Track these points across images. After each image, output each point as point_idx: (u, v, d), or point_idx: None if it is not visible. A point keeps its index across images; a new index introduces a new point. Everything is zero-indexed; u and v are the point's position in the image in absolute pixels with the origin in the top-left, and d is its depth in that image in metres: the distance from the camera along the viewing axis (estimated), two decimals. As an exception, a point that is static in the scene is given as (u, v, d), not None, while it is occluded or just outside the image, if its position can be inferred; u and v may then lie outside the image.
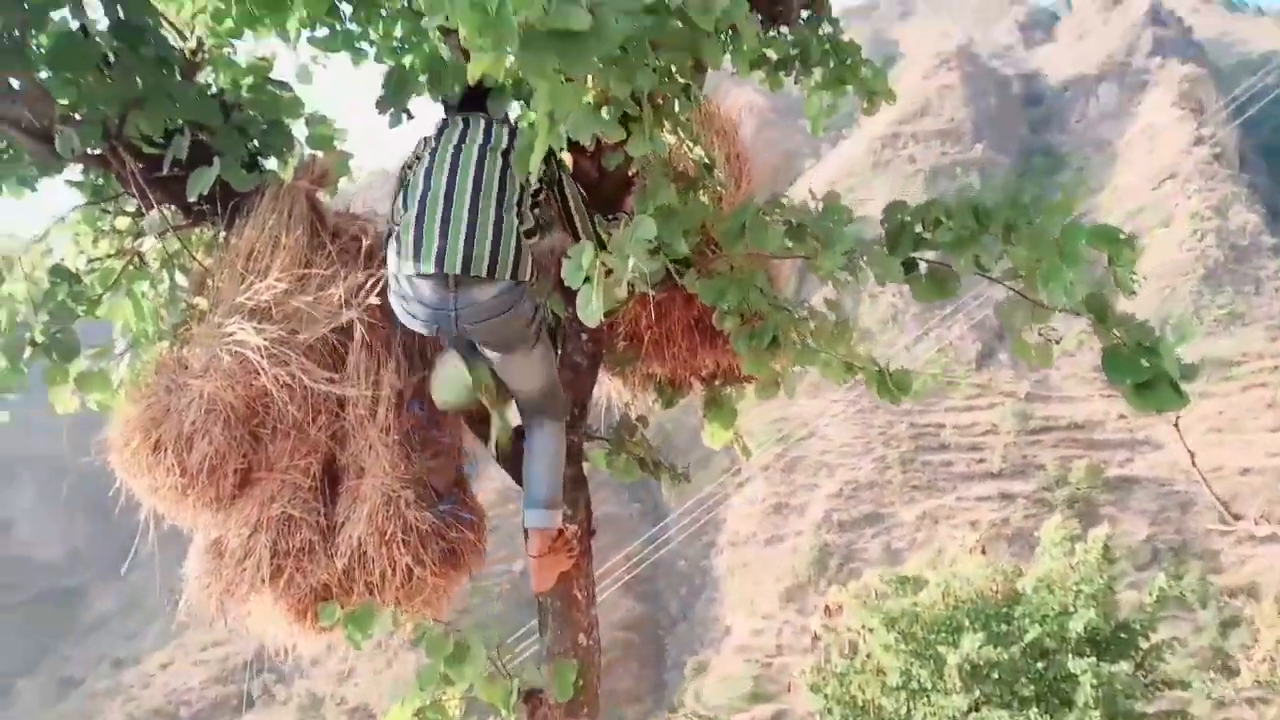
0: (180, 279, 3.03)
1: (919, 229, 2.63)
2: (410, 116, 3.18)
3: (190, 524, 3.07)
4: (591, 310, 2.41)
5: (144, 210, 3.15)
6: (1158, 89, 56.81)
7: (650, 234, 2.39)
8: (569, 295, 3.16)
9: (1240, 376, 38.88)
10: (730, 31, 2.90)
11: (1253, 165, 51.19)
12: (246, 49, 4.24)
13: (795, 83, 4.61)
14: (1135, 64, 59.75)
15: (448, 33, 3.77)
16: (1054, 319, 2.76)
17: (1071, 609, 10.08)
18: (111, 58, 2.95)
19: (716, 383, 3.93)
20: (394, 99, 3.07)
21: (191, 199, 2.85)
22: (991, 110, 60.49)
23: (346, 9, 4.40)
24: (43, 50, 2.89)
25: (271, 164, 3.33)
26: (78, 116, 2.89)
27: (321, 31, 4.44)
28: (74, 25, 2.97)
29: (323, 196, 3.25)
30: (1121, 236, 2.33)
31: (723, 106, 4.00)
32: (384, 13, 4.44)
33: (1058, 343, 2.81)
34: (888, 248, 2.60)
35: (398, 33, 4.58)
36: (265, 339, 2.81)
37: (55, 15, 2.88)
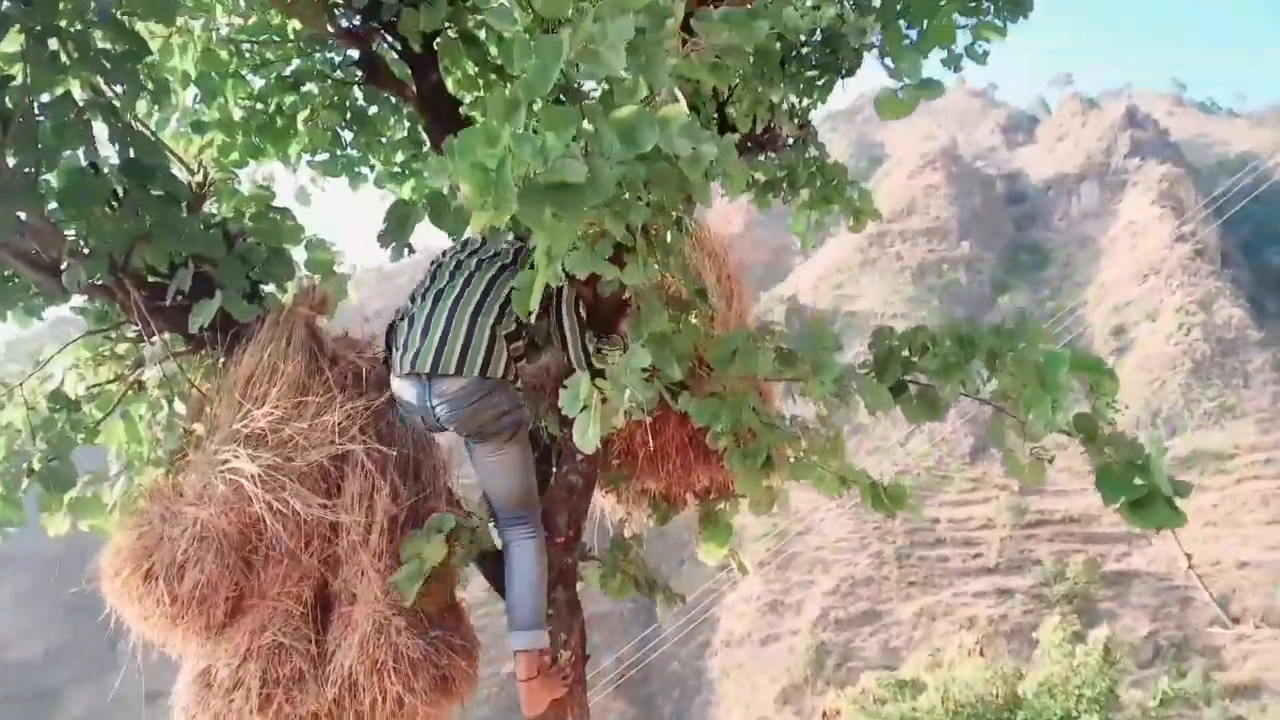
0: (179, 405, 3.07)
1: (906, 354, 2.70)
2: (412, 250, 3.27)
3: (179, 650, 3.04)
4: (588, 438, 2.45)
5: (145, 337, 3.20)
6: (1137, 188, 58.30)
7: (645, 363, 2.46)
8: (565, 417, 3.21)
9: (1233, 470, 38.88)
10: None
11: (1235, 261, 52.19)
12: (247, 173, 4.40)
13: (784, 202, 4.76)
14: (1114, 164, 61.43)
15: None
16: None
17: (1074, 714, 9.89)
18: (119, 193, 3.05)
19: (711, 498, 3.95)
20: (396, 233, 3.17)
21: (194, 330, 2.92)
22: (976, 209, 61.85)
23: (347, 136, 4.56)
24: (53, 187, 2.99)
25: (271, 290, 3.40)
26: (84, 250, 2.97)
27: (322, 156, 4.60)
28: (84, 163, 3.07)
29: (321, 322, 3.32)
30: (1103, 367, 2.40)
31: (712, 226, 4.12)
32: (384, 140, 4.61)
33: (1050, 461, 2.85)
34: (876, 374, 2.66)
35: (398, 159, 4.75)
36: (260, 466, 2.83)
37: (67, 153, 2.99)
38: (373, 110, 4.55)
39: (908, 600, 38.87)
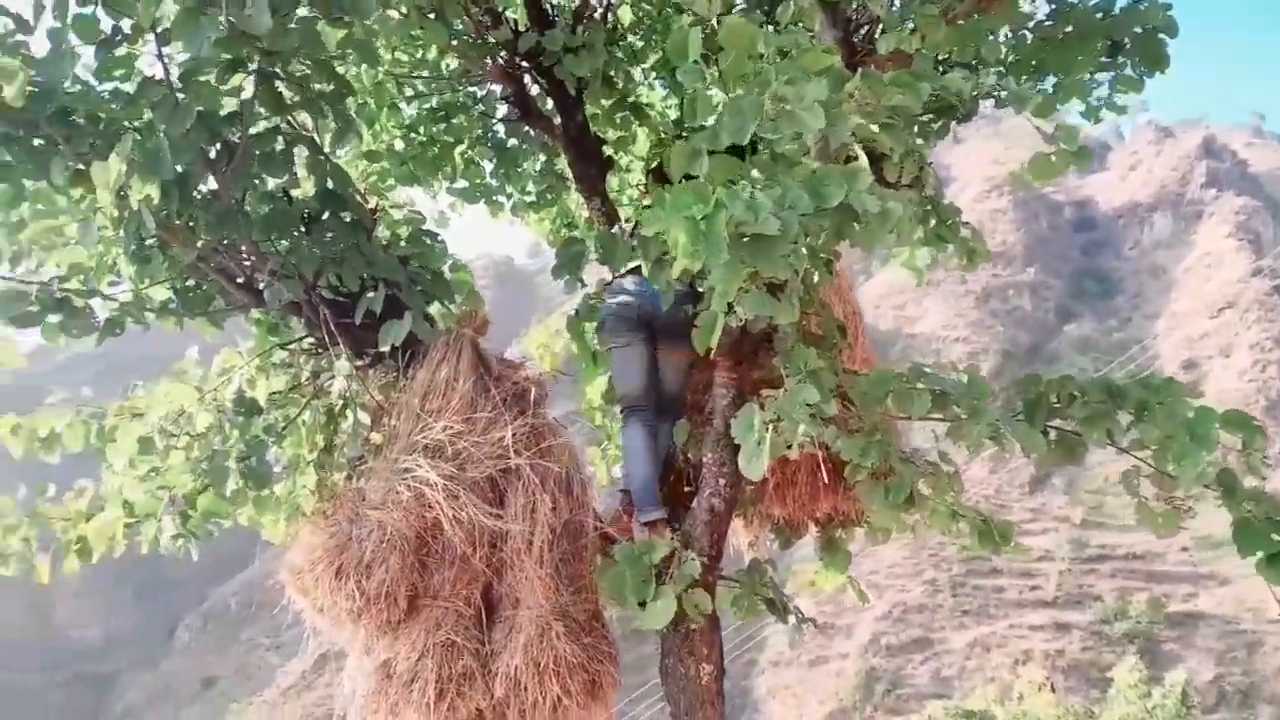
0: (362, 415, 3.33)
1: (1055, 401, 2.86)
2: (584, 284, 3.51)
3: (347, 643, 3.30)
4: (756, 467, 2.66)
5: (329, 350, 3.48)
6: (1213, 220, 57.05)
7: (814, 399, 2.66)
8: (711, 442, 3.42)
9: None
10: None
11: (1314, 298, 50.70)
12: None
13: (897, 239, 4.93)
14: (1189, 195, 60.21)
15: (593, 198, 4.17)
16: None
17: (1148, 756, 9.82)
18: (305, 219, 3.34)
19: (831, 525, 4.12)
20: (570, 268, 3.41)
21: (384, 349, 3.18)
22: (1043, 234, 61.01)
23: (487, 165, 4.83)
24: (253, 213, 3.29)
25: (434, 311, 3.66)
26: (282, 270, 3.25)
27: (460, 184, 4.88)
28: (277, 192, 3.37)
29: (484, 343, 3.57)
30: (1253, 423, 2.53)
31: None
32: (521, 171, 4.88)
33: (1188, 511, 2.98)
34: (1026, 418, 2.82)
35: (530, 189, 5.02)
36: (440, 475, 3.08)
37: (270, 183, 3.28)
38: (511, 143, 4.82)
39: (961, 629, 38.35)
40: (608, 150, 4.31)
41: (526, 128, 4.65)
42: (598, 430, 4.76)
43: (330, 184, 3.31)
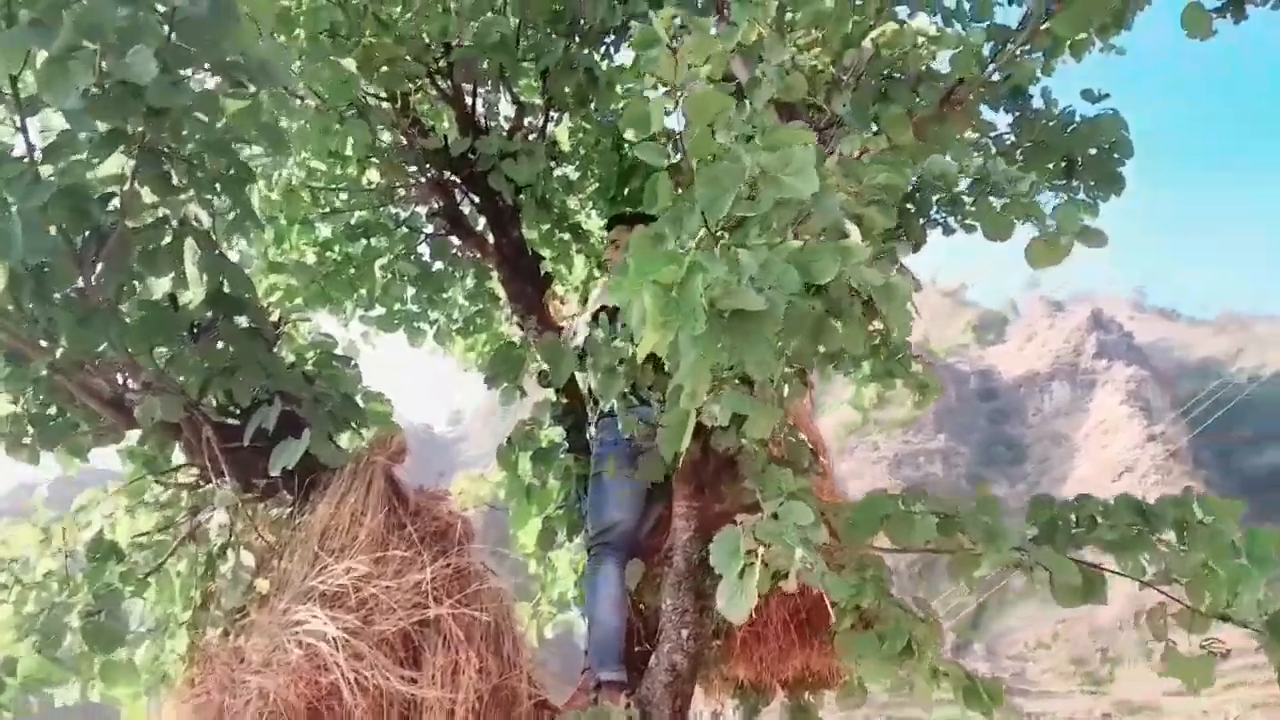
0: (246, 557, 2.73)
1: (1074, 524, 2.45)
2: (524, 393, 3.06)
3: None
4: (739, 604, 2.16)
5: (212, 480, 2.91)
6: (1106, 388, 59.60)
7: (806, 519, 2.20)
8: (672, 585, 2.91)
9: (1224, 673, 37.80)
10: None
11: (1206, 463, 52.71)
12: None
13: (844, 374, 4.62)
14: (1083, 365, 63.03)
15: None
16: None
17: None
18: (193, 327, 2.84)
19: (801, 688, 3.57)
20: (507, 375, 2.96)
21: (274, 472, 2.63)
22: (951, 403, 62.75)
23: (409, 290, 4.42)
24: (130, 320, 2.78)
25: (344, 440, 3.14)
26: (158, 384, 2.72)
27: (377, 311, 4.43)
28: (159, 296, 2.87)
29: (400, 473, 3.04)
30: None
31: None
32: (445, 296, 4.46)
33: (1224, 655, 2.57)
34: (1045, 544, 2.40)
35: (456, 315, 4.60)
36: (340, 628, 2.49)
37: (155, 284, 2.79)
38: (437, 266, 4.43)
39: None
40: (545, 267, 3.94)
41: (455, 248, 4.28)
42: (531, 580, 4.18)
43: (225, 286, 2.83)
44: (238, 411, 2.87)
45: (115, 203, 2.57)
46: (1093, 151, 3.55)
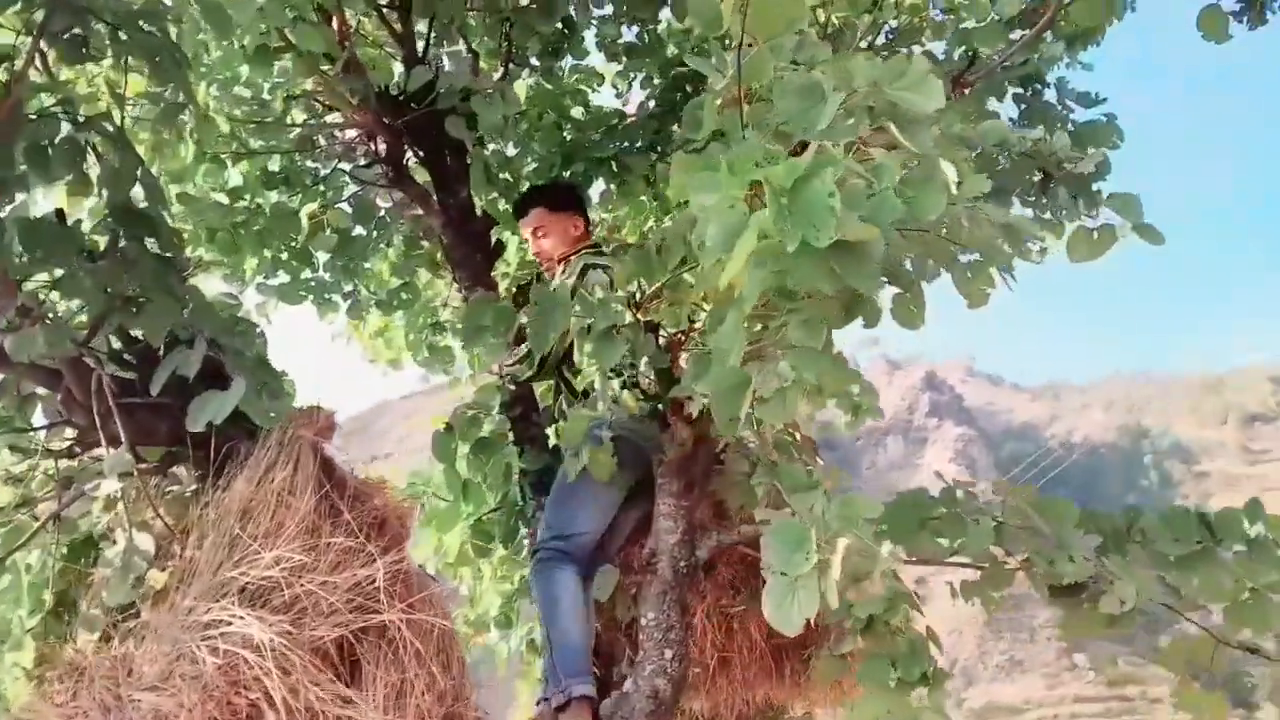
0: (142, 541, 2.14)
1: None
2: (511, 349, 2.59)
3: None
4: (794, 614, 1.77)
5: (80, 448, 2.31)
6: (936, 446, 62.67)
7: (875, 511, 1.85)
8: (656, 596, 2.49)
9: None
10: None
11: (1024, 521, 55.89)
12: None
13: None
14: (916, 422, 66.12)
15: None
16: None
17: None
18: (97, 250, 2.25)
19: (756, 723, 3.19)
20: (495, 325, 2.46)
21: (196, 427, 2.07)
22: (793, 451, 64.41)
23: (322, 257, 3.86)
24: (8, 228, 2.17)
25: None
26: (45, 313, 2.12)
27: (280, 279, 3.85)
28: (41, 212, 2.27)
29: (331, 451, 2.52)
30: None
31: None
32: (368, 266, 3.93)
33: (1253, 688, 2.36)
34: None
35: (372, 287, 4.06)
36: (269, 632, 1.95)
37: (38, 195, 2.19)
38: (358, 230, 3.88)
39: None
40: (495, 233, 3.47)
41: (381, 210, 3.76)
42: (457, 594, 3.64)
43: (135, 198, 2.26)
44: (139, 355, 2.29)
45: None
46: (1069, 166, 3.41)
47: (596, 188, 4.45)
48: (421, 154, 3.41)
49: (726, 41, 2.08)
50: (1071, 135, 3.34)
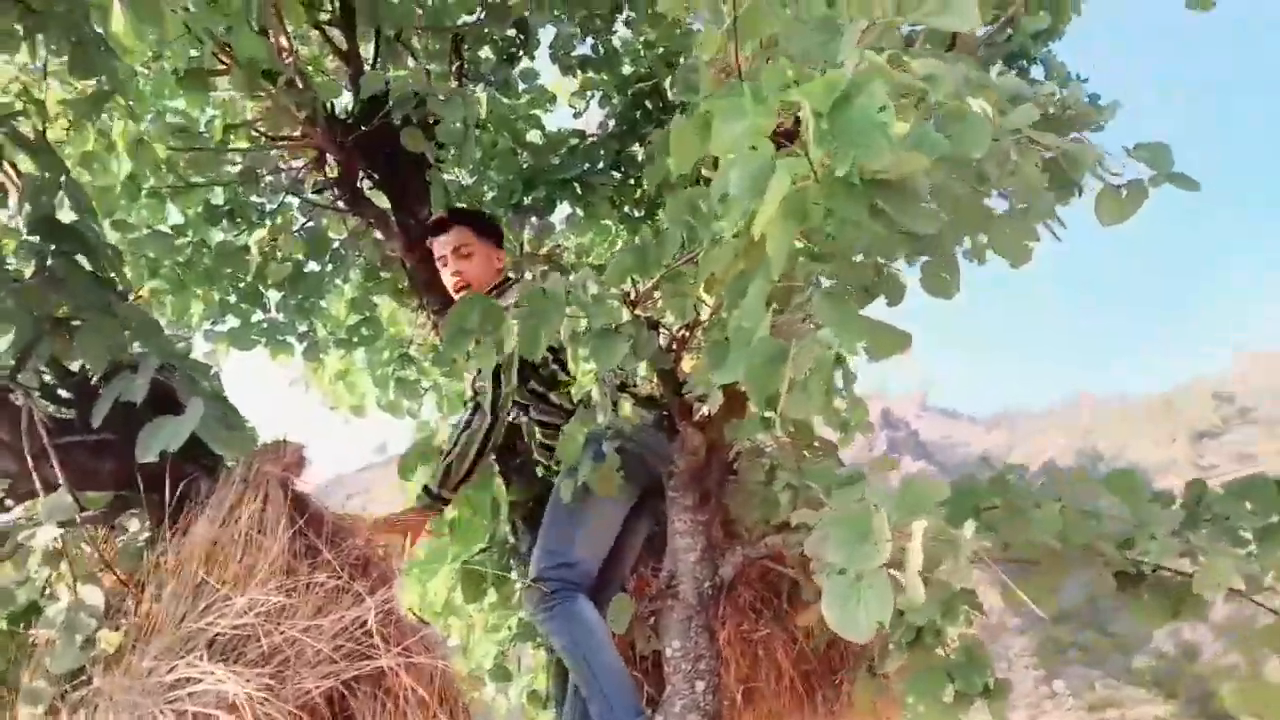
0: (90, 595, 1.83)
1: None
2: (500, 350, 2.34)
3: None
4: (865, 625, 1.53)
5: (39, 485, 2.01)
6: (895, 483, 63.11)
7: (944, 495, 1.63)
8: (678, 626, 2.23)
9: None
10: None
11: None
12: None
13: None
14: (874, 459, 66.64)
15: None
16: None
17: None
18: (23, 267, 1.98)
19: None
20: (487, 322, 2.20)
21: (147, 458, 1.78)
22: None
23: (274, 296, 3.59)
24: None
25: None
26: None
27: (229, 324, 3.58)
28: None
29: (302, 487, 2.24)
30: None
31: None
32: (322, 303, 3.67)
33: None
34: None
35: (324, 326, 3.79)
36: (249, 686, 1.66)
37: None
38: (311, 267, 3.62)
39: None
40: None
41: (335, 243, 3.52)
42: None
43: (62, 208, 1.99)
44: (75, 388, 2.00)
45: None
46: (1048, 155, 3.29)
47: (561, 212, 4.27)
48: (376, 176, 3.19)
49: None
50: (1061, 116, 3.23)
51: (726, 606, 2.58)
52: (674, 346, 2.32)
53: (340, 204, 3.15)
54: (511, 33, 3.30)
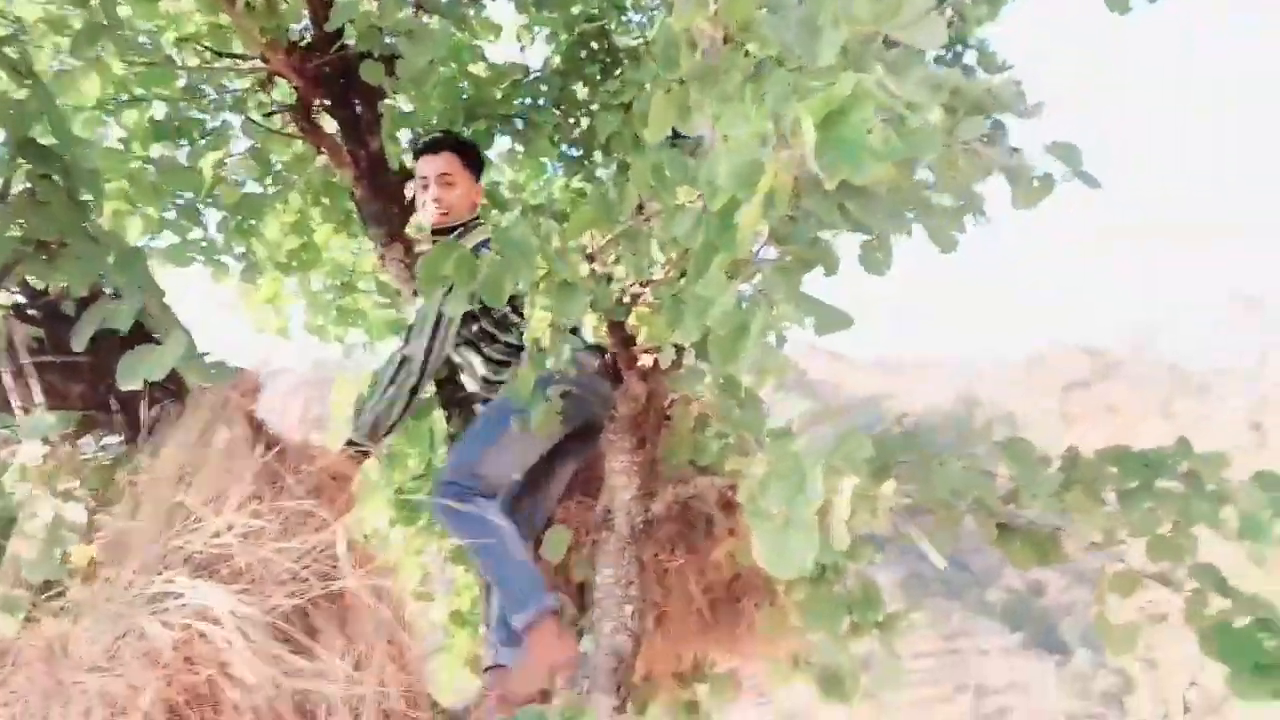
0: (69, 510, 1.92)
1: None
2: (477, 301, 2.45)
3: None
4: (795, 563, 1.76)
5: (20, 401, 2.07)
6: (780, 419, 64.96)
7: (867, 451, 1.86)
8: (595, 549, 2.44)
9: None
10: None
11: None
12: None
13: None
14: (761, 394, 68.29)
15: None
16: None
17: None
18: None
19: (688, 681, 3.20)
20: (452, 276, 2.31)
21: (131, 384, 1.86)
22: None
23: (213, 216, 3.59)
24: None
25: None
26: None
27: (168, 240, 3.57)
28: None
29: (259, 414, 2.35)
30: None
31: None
32: (256, 223, 3.68)
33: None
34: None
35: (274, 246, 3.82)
36: (228, 602, 1.80)
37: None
38: (249, 187, 3.63)
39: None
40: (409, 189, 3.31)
41: (276, 164, 3.53)
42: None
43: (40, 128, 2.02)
44: (46, 309, 2.06)
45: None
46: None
47: (500, 145, 4.33)
48: (329, 103, 3.21)
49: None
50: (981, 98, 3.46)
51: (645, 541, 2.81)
52: (625, 301, 2.49)
53: (291, 128, 3.17)
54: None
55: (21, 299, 2.10)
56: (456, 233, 2.75)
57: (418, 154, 2.82)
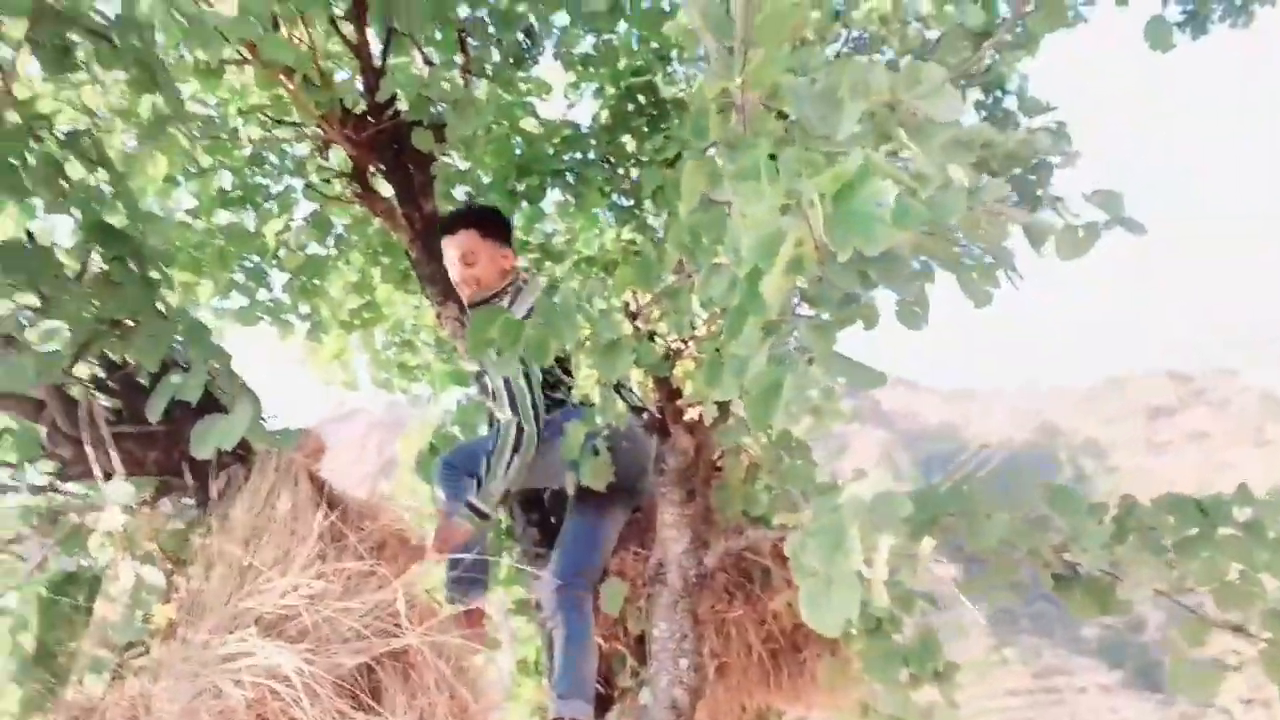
0: (149, 574, 2.03)
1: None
2: (525, 364, 2.53)
3: None
4: (835, 621, 1.77)
5: (63, 479, 2.20)
6: (856, 451, 64.00)
7: (907, 510, 1.87)
8: (666, 606, 2.47)
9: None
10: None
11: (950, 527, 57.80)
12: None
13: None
14: (836, 429, 67.56)
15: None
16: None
17: None
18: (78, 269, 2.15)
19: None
20: (498, 340, 2.40)
21: (203, 454, 1.97)
22: (716, 462, 65.11)
23: (278, 277, 3.75)
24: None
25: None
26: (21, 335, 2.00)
27: (237, 302, 3.74)
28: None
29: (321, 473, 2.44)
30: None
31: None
32: (320, 283, 3.83)
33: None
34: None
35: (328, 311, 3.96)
36: (295, 660, 1.88)
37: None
38: (312, 249, 3.79)
39: None
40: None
41: (335, 228, 3.68)
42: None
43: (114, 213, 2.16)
44: (121, 383, 2.19)
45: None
46: (1018, 171, 3.53)
47: (552, 198, 4.44)
48: (384, 167, 3.35)
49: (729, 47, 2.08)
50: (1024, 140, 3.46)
51: (703, 591, 2.84)
52: (669, 356, 2.54)
53: (348, 194, 3.31)
54: (519, 36, 3.46)
55: (100, 372, 2.23)
56: (496, 298, 2.84)
57: (439, 233, 2.91)
